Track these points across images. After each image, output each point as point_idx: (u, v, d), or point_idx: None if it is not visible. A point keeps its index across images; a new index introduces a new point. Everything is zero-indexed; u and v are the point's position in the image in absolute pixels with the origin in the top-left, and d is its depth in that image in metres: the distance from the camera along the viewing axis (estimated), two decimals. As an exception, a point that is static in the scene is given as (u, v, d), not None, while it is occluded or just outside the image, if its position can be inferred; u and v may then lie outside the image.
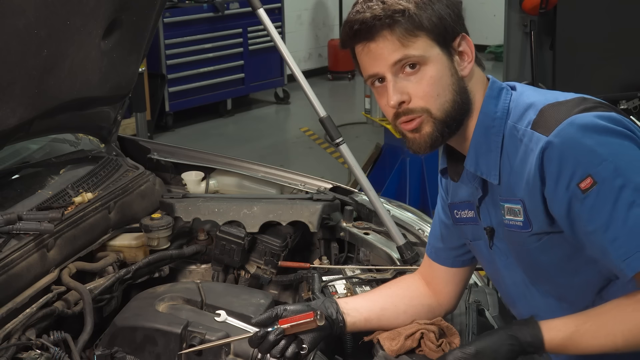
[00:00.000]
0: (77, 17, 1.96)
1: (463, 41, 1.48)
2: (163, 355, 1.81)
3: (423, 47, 1.44)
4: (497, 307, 1.92)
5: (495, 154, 1.49)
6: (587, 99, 1.45)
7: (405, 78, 1.46)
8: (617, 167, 1.32)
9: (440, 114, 1.46)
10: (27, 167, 2.46)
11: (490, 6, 9.84)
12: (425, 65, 1.45)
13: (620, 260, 1.33)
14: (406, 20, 1.42)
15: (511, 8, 5.68)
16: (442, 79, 1.46)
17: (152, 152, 2.78)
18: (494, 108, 1.50)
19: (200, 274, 2.41)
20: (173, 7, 7.11)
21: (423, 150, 1.50)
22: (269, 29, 2.62)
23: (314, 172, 2.93)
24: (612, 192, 1.32)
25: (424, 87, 1.45)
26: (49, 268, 2.00)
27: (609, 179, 1.32)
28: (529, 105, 1.46)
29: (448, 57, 1.46)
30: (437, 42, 1.45)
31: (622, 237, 1.32)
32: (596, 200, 1.33)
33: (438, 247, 1.77)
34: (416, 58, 1.44)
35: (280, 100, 8.42)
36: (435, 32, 1.44)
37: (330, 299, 1.73)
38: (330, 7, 9.76)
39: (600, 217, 1.33)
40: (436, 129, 1.47)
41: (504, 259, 1.60)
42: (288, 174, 2.74)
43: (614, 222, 1.32)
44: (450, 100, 1.46)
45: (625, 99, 5.51)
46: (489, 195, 1.55)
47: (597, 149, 1.33)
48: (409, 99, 1.46)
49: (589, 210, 1.34)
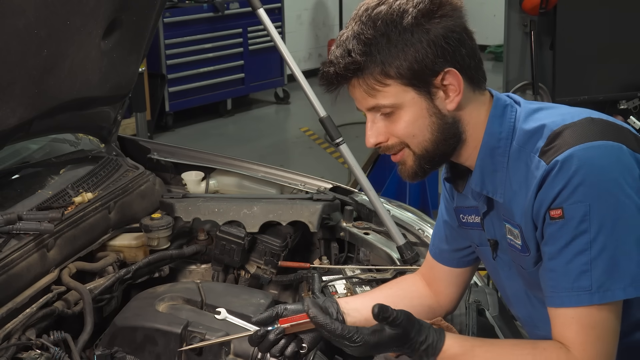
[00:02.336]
0: (77, 17, 1.96)
1: (448, 75, 1.42)
2: (163, 355, 1.81)
3: (394, 94, 1.42)
4: (497, 307, 1.92)
5: (501, 174, 1.48)
6: (595, 120, 1.42)
7: (383, 119, 1.47)
8: (588, 213, 1.32)
9: (419, 151, 1.47)
10: (27, 167, 2.46)
11: (490, 6, 9.83)
12: (400, 109, 1.44)
13: (548, 290, 1.39)
14: (371, 71, 1.41)
15: (511, 8, 5.68)
16: (418, 121, 1.44)
17: (152, 152, 2.78)
18: (499, 128, 1.48)
19: (200, 274, 2.41)
20: (173, 7, 7.10)
21: (410, 180, 1.52)
22: (269, 29, 2.62)
23: (314, 172, 2.93)
24: (572, 233, 1.34)
25: (400, 130, 1.46)
26: (49, 268, 2.00)
27: (576, 220, 1.33)
28: (538, 130, 1.43)
29: (426, 98, 1.43)
30: (411, 85, 1.42)
31: (558, 273, 1.37)
32: (557, 231, 1.36)
33: (443, 249, 1.76)
34: (388, 107, 1.44)
35: (280, 100, 8.42)
36: (406, 77, 1.41)
37: (331, 298, 1.73)
38: (330, 7, 9.76)
39: (553, 247, 1.37)
40: (417, 164, 1.49)
41: (506, 270, 1.60)
42: (288, 174, 2.74)
43: (559, 258, 1.36)
44: (428, 139, 1.46)
45: (625, 99, 5.51)
46: (494, 211, 1.55)
47: (581, 187, 1.33)
48: (386, 138, 1.47)
49: (548, 235, 1.39)
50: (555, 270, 1.37)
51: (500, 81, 6.14)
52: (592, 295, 1.33)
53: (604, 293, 1.33)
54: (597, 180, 1.33)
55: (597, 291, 1.33)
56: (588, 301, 1.34)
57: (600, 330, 1.35)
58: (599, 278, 1.33)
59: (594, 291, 1.33)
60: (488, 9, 9.95)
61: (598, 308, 1.34)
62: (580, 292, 1.34)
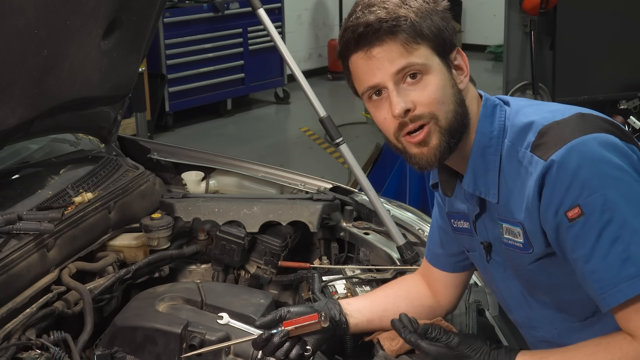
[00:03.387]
0: (77, 17, 1.96)
1: (459, 55, 1.47)
2: (163, 355, 1.81)
3: (425, 56, 1.42)
4: (497, 307, 1.92)
5: (494, 173, 1.48)
6: (586, 115, 1.43)
7: (408, 87, 1.42)
8: (607, 201, 1.31)
9: (446, 122, 1.43)
10: (27, 167, 2.46)
11: (490, 6, 9.84)
12: (428, 74, 1.42)
13: (597, 293, 1.35)
14: (409, 27, 1.40)
15: (511, 8, 5.69)
16: (445, 88, 1.43)
17: (152, 152, 2.78)
18: (490, 127, 1.48)
19: (200, 274, 2.41)
20: (173, 7, 7.10)
21: (431, 165, 1.46)
22: (269, 29, 2.62)
23: (314, 172, 2.93)
24: (598, 225, 1.32)
25: (429, 94, 1.41)
26: (49, 268, 2.00)
27: (597, 211, 1.32)
28: (528, 125, 1.44)
29: (447, 69, 1.45)
30: (437, 52, 1.43)
31: (600, 271, 1.33)
32: (581, 230, 1.34)
33: (438, 253, 1.76)
34: (419, 66, 1.41)
35: (280, 100, 8.42)
36: (435, 42, 1.42)
37: (333, 300, 1.73)
38: (330, 7, 9.76)
39: (584, 248, 1.34)
40: (444, 140, 1.43)
41: (501, 272, 1.59)
42: (288, 174, 2.74)
43: (595, 255, 1.33)
44: (453, 110, 1.44)
45: (625, 99, 5.51)
46: (487, 212, 1.54)
47: (590, 179, 1.32)
48: (414, 107, 1.41)
49: (573, 238, 1.35)
50: (597, 270, 1.33)
51: (500, 81, 6.15)
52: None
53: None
54: (602, 169, 1.33)
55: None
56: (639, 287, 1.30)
57: None
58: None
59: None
60: (488, 9, 9.96)
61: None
62: (629, 280, 1.30)
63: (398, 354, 1.66)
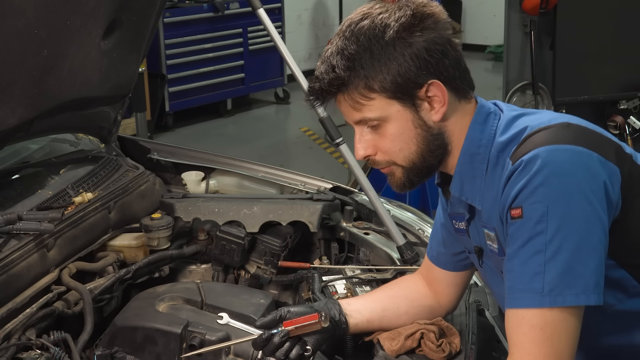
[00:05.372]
0: (77, 17, 1.96)
1: (432, 87, 1.43)
2: (163, 355, 1.81)
3: (380, 107, 1.44)
4: (497, 307, 1.92)
5: (480, 181, 1.49)
6: (572, 125, 1.42)
7: (370, 132, 1.48)
8: (547, 214, 1.32)
9: (406, 164, 1.49)
10: (27, 167, 2.46)
11: (490, 6, 9.83)
12: (386, 122, 1.45)
13: (506, 292, 1.39)
14: (355, 85, 1.42)
15: (511, 8, 5.69)
16: (404, 133, 1.46)
17: (152, 152, 2.78)
18: (480, 135, 1.48)
19: (200, 274, 2.41)
20: (173, 7, 7.10)
21: (400, 191, 1.54)
22: (269, 29, 2.62)
23: (314, 172, 2.93)
24: (529, 233, 1.34)
25: (386, 144, 1.47)
26: (49, 268, 2.00)
27: (534, 220, 1.33)
28: (515, 135, 1.44)
29: (412, 110, 1.44)
30: (396, 98, 1.43)
31: (513, 273, 1.37)
32: (515, 231, 1.36)
33: (440, 252, 1.77)
34: (374, 119, 1.45)
35: (280, 100, 8.42)
36: (390, 90, 1.42)
37: (333, 300, 1.73)
38: (330, 7, 9.76)
39: (511, 247, 1.37)
40: (405, 176, 1.51)
41: (492, 276, 1.60)
42: (288, 174, 2.74)
43: (516, 258, 1.36)
44: (414, 151, 1.47)
45: (625, 99, 5.51)
46: (476, 218, 1.55)
47: (541, 187, 1.33)
48: (375, 152, 1.49)
49: (509, 235, 1.39)
50: (512, 270, 1.37)
51: (500, 81, 6.15)
52: (543, 297, 1.32)
53: (555, 297, 1.32)
54: (558, 182, 1.32)
55: (549, 294, 1.32)
56: (538, 303, 1.33)
57: (551, 332, 1.33)
58: (551, 281, 1.32)
59: (545, 294, 1.32)
60: (488, 9, 9.96)
61: (550, 310, 1.33)
62: (532, 293, 1.33)
63: (398, 354, 1.66)
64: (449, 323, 1.73)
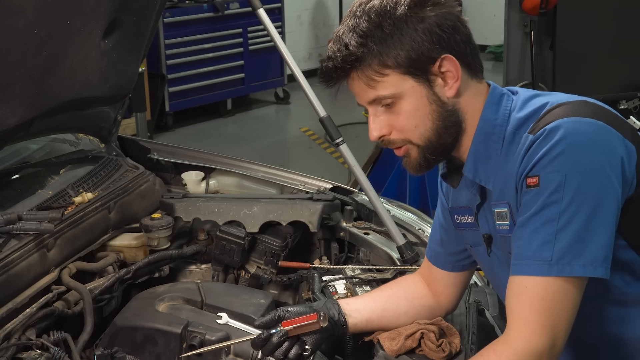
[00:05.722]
0: (77, 17, 1.96)
1: (445, 62, 1.43)
2: (163, 355, 1.81)
3: (394, 84, 1.43)
4: (497, 307, 1.92)
5: (495, 161, 1.48)
6: (589, 102, 1.44)
7: (384, 111, 1.47)
8: (564, 184, 1.32)
9: (422, 142, 1.48)
10: (27, 167, 2.46)
11: (490, 6, 9.83)
12: (400, 99, 1.45)
13: (513, 260, 1.38)
14: (369, 62, 1.42)
15: (511, 8, 5.69)
16: (419, 110, 1.45)
17: (152, 152, 2.78)
18: (494, 115, 1.48)
19: (200, 274, 2.41)
20: (173, 7, 7.09)
21: (415, 173, 1.52)
22: (269, 29, 2.62)
23: (314, 172, 2.93)
24: (543, 202, 1.33)
25: (401, 121, 1.46)
26: (49, 268, 2.00)
27: (550, 189, 1.33)
28: (533, 113, 1.45)
29: (426, 85, 1.44)
30: (410, 74, 1.43)
31: (523, 240, 1.36)
32: (530, 199, 1.36)
33: (438, 252, 1.76)
34: (388, 97, 1.44)
35: (280, 100, 8.42)
36: (404, 66, 1.42)
37: (332, 300, 1.73)
38: (330, 7, 9.76)
39: (523, 214, 1.37)
40: (421, 155, 1.49)
41: (500, 265, 1.59)
42: (288, 174, 2.74)
43: (527, 225, 1.36)
44: (430, 128, 1.46)
45: (625, 99, 5.51)
46: (487, 202, 1.55)
47: (561, 156, 1.33)
48: (389, 131, 1.48)
49: (523, 203, 1.38)
50: (522, 237, 1.37)
51: (501, 81, 6.14)
52: (551, 266, 1.32)
53: (562, 267, 1.32)
54: (578, 153, 1.33)
55: (557, 263, 1.32)
56: (545, 272, 1.33)
57: (552, 303, 1.33)
58: (561, 250, 1.32)
59: (553, 263, 1.32)
60: (488, 9, 9.95)
61: (554, 280, 1.32)
62: (539, 261, 1.33)
63: (398, 354, 1.66)
64: (449, 323, 1.73)
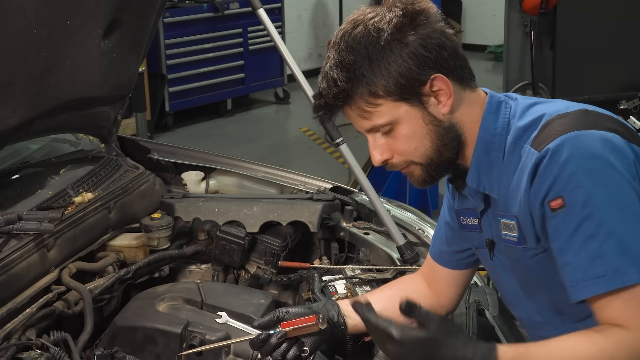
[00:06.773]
0: (77, 17, 1.96)
1: (435, 81, 1.43)
2: (163, 355, 1.81)
3: (388, 112, 1.44)
4: (497, 307, 1.92)
5: (497, 170, 1.49)
6: (590, 112, 1.43)
7: (383, 137, 1.48)
8: (590, 197, 1.31)
9: (424, 160, 1.49)
10: (27, 167, 2.46)
11: (490, 6, 9.84)
12: (397, 125, 1.45)
13: (567, 285, 1.36)
14: (360, 95, 1.43)
15: (511, 8, 5.69)
16: (417, 132, 1.46)
17: (152, 152, 2.78)
18: (494, 124, 1.49)
19: (200, 274, 2.41)
20: (173, 7, 7.09)
21: (422, 187, 1.54)
22: (269, 29, 2.62)
23: (314, 172, 2.93)
24: (577, 220, 1.32)
25: (400, 145, 1.47)
26: (49, 268, 2.00)
27: (578, 206, 1.32)
28: (533, 122, 1.44)
29: (420, 107, 1.45)
30: (402, 100, 1.43)
31: (571, 265, 1.34)
32: (560, 222, 1.35)
33: (442, 250, 1.77)
34: (384, 125, 1.45)
35: (280, 100, 8.42)
36: (395, 93, 1.42)
37: (332, 301, 1.73)
38: (330, 7, 9.75)
39: (560, 240, 1.35)
40: (425, 172, 1.51)
41: (503, 270, 1.60)
42: (288, 174, 2.74)
43: (568, 249, 1.34)
44: (430, 147, 1.47)
45: (625, 99, 5.51)
46: (491, 209, 1.55)
47: (578, 172, 1.32)
48: (391, 155, 1.49)
49: (553, 229, 1.37)
50: (568, 263, 1.34)
51: (500, 81, 6.15)
52: (609, 281, 1.30)
53: (619, 277, 1.29)
54: (592, 165, 1.33)
55: (613, 276, 1.29)
56: (605, 287, 1.30)
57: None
58: (613, 262, 1.29)
59: (610, 277, 1.29)
60: (488, 9, 9.96)
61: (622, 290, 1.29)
62: (595, 279, 1.31)
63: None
64: (449, 323, 1.73)
